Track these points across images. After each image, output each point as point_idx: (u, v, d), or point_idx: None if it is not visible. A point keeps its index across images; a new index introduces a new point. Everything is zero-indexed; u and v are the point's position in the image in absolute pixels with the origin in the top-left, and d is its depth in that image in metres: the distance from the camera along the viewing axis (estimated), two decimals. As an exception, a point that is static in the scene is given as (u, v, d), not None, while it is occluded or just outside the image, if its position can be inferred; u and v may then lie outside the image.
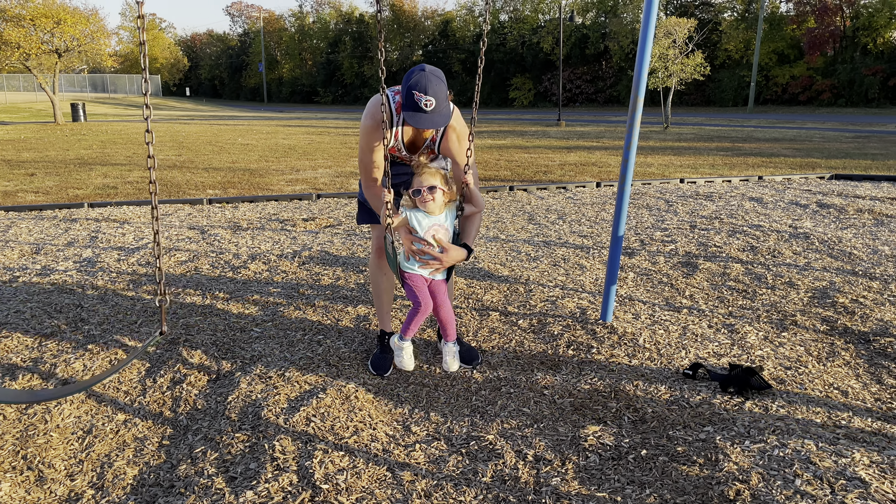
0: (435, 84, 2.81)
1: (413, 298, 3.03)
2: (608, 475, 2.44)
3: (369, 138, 3.07)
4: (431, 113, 2.83)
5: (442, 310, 3.11)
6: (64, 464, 2.56)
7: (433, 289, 3.08)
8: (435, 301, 3.07)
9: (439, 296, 3.08)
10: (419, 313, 3.01)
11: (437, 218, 2.99)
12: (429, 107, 2.81)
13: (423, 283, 3.05)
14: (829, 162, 12.38)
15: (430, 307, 3.02)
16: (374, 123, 3.03)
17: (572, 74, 54.73)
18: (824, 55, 44.43)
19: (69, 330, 3.85)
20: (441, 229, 3.00)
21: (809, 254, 5.38)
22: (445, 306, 3.11)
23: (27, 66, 26.48)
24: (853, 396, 2.98)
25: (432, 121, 2.86)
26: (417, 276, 3.05)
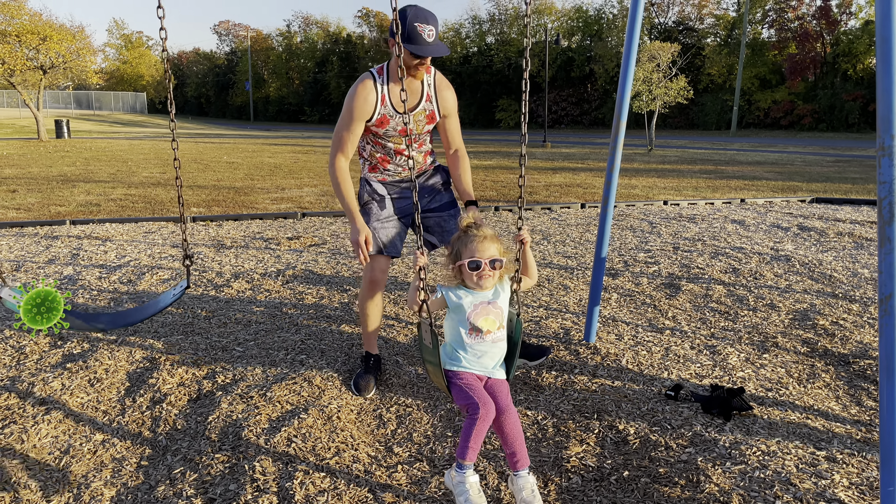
0: (432, 17, 2.91)
1: (466, 402, 2.19)
2: (590, 496, 2.44)
3: (351, 105, 3.07)
4: (433, 43, 2.89)
5: (507, 420, 2.22)
6: (40, 484, 2.52)
7: (492, 390, 2.29)
8: (497, 408, 2.21)
9: (502, 399, 2.24)
10: (479, 421, 2.12)
11: (484, 295, 2.34)
12: (431, 37, 2.88)
13: (477, 381, 2.29)
14: (811, 185, 12.55)
15: (492, 412, 2.17)
16: (360, 92, 3.04)
17: (558, 96, 55.23)
18: (805, 80, 45.19)
19: (49, 348, 3.80)
20: (490, 308, 2.32)
21: (790, 276, 5.43)
22: (511, 414, 2.23)
23: (11, 82, 26.35)
24: (833, 418, 3.00)
25: (436, 49, 2.91)
26: (469, 374, 2.30)
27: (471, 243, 2.30)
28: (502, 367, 2.40)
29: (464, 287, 2.35)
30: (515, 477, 2.24)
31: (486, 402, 2.15)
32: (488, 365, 2.34)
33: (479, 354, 2.32)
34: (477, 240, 2.30)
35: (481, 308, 2.30)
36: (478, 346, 2.30)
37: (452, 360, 2.35)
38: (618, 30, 53.56)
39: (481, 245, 2.29)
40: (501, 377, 2.37)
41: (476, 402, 2.14)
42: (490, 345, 2.32)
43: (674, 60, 23.71)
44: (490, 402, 2.16)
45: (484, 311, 2.30)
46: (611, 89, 50.99)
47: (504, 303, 2.36)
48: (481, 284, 2.31)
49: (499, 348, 2.35)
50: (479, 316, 2.29)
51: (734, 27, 49.75)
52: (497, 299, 2.34)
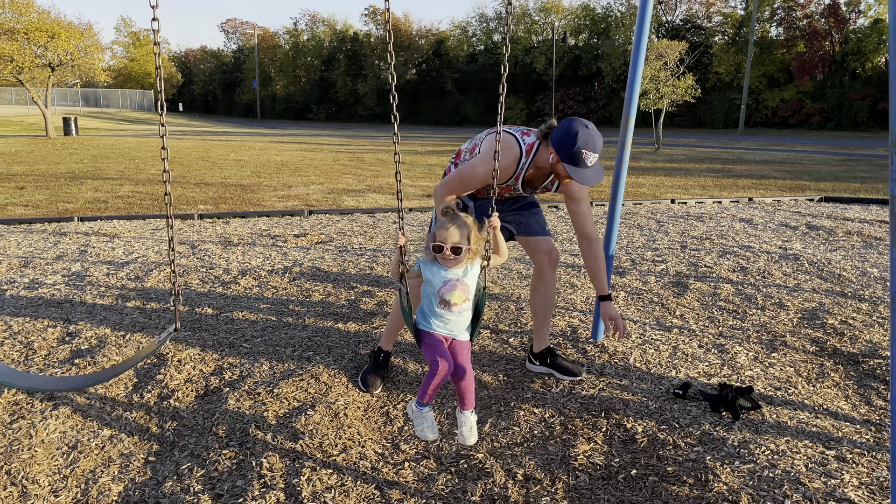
0: (598, 140, 2.91)
1: (431, 359, 2.60)
2: (598, 495, 2.43)
3: (481, 177, 3.08)
4: (591, 169, 2.91)
5: (463, 375, 2.61)
6: (48, 479, 2.53)
7: (454, 349, 2.66)
8: (455, 363, 2.61)
9: (460, 358, 2.63)
10: (437, 375, 2.54)
11: (455, 272, 2.62)
12: (591, 163, 2.90)
13: (442, 342, 2.63)
14: (819, 185, 12.49)
15: (449, 367, 2.56)
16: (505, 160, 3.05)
17: (565, 95, 55.14)
18: (814, 79, 44.98)
19: (57, 344, 3.81)
20: (458, 284, 2.61)
21: (799, 275, 5.40)
22: (466, 371, 2.62)
23: (20, 79, 26.44)
24: (843, 417, 2.99)
25: (595, 175, 2.92)
26: (436, 335, 2.64)
27: (441, 228, 2.59)
28: (467, 330, 2.72)
29: (437, 264, 2.63)
30: (461, 414, 2.62)
31: (445, 362, 2.54)
32: (454, 329, 2.66)
33: (446, 321, 2.63)
34: (446, 226, 2.57)
35: (451, 284, 2.60)
36: (446, 314, 2.62)
37: (425, 321, 2.67)
38: (625, 28, 53.46)
39: (447, 232, 2.56)
40: (465, 339, 2.70)
41: (438, 362, 2.53)
42: (457, 315, 2.63)
43: (681, 59, 23.62)
44: (449, 361, 2.55)
45: (452, 286, 2.61)
46: (618, 88, 50.88)
47: (472, 279, 2.65)
48: (446, 265, 2.61)
49: (464, 317, 2.67)
50: (448, 291, 2.60)
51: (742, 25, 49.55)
52: (465, 276, 2.62)
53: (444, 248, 2.56)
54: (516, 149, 3.09)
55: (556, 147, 2.92)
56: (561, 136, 2.91)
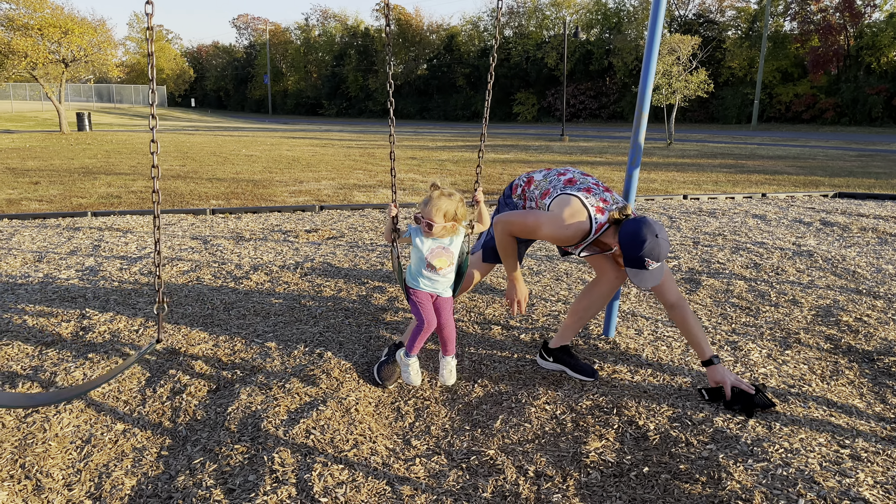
0: (664, 250, 2.87)
1: (417, 315, 2.99)
2: (609, 492, 2.42)
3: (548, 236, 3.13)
4: (651, 271, 2.90)
5: (445, 328, 3.05)
6: (62, 473, 2.54)
7: (438, 306, 3.04)
8: (439, 318, 3.02)
9: (444, 313, 3.04)
10: (423, 330, 2.95)
11: (440, 240, 2.97)
12: (651, 268, 2.89)
13: (427, 299, 3.01)
14: (833, 180, 12.38)
15: (433, 324, 2.98)
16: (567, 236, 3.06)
17: (576, 90, 54.96)
18: (828, 74, 44.60)
19: (70, 339, 3.84)
20: (444, 252, 2.97)
21: (813, 272, 5.36)
22: (449, 324, 3.06)
23: (34, 75, 26.61)
24: (857, 416, 2.96)
25: (648, 280, 2.91)
26: (422, 293, 3.00)
27: (425, 203, 2.91)
28: (450, 288, 3.09)
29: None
30: (443, 359, 3.08)
31: (430, 320, 2.95)
32: (439, 289, 3.03)
33: (433, 282, 3.00)
34: (430, 202, 2.89)
35: (437, 251, 2.95)
36: (432, 276, 2.99)
37: (414, 280, 3.02)
38: (637, 23, 53.15)
39: (429, 206, 2.89)
40: (448, 296, 3.08)
41: (423, 318, 2.94)
42: (441, 277, 3.00)
43: (694, 53, 23.47)
44: (433, 319, 2.97)
45: (438, 253, 2.96)
46: (630, 83, 50.66)
47: (456, 247, 3.00)
48: (427, 235, 2.93)
49: (448, 279, 3.04)
50: (435, 257, 2.95)
51: (756, 20, 49.17)
52: (450, 245, 2.97)
53: (420, 220, 2.93)
54: (586, 225, 3.04)
55: (622, 245, 2.92)
56: (629, 239, 2.88)
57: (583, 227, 3.03)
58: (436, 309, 3.03)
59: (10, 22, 25.76)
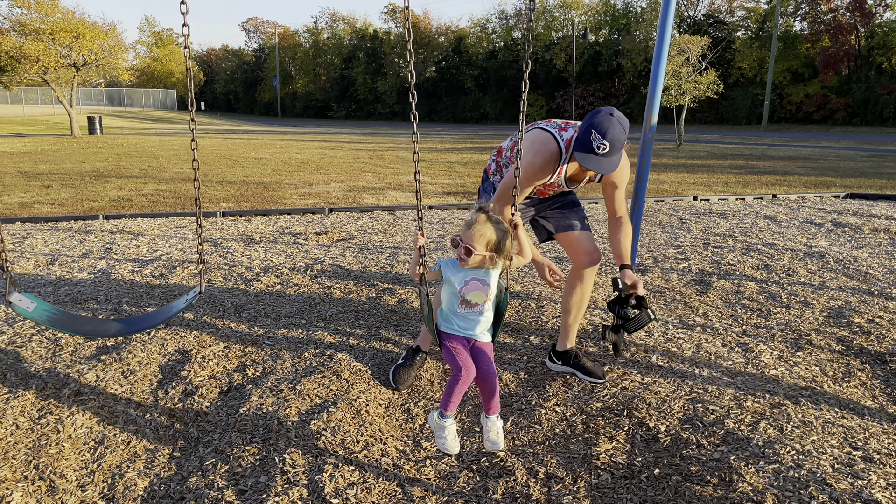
0: (616, 130, 2.79)
1: (452, 363, 2.50)
2: (620, 494, 2.42)
3: (530, 175, 3.06)
4: (601, 157, 2.81)
5: (486, 379, 2.53)
6: (75, 474, 2.56)
7: (476, 351, 2.57)
8: (478, 366, 2.52)
9: (483, 360, 2.54)
10: (460, 381, 2.44)
11: (475, 272, 2.53)
12: (601, 150, 2.79)
13: (464, 345, 2.55)
14: (844, 181, 12.31)
15: (472, 372, 2.48)
16: (544, 163, 3.03)
17: (585, 91, 54.85)
18: (839, 74, 44.33)
19: (83, 341, 3.87)
20: (480, 285, 2.53)
21: (824, 273, 5.33)
22: (490, 375, 2.54)
23: (45, 79, 26.83)
24: (869, 417, 2.94)
25: (599, 164, 2.82)
26: (458, 338, 2.55)
27: (468, 226, 2.50)
28: (489, 331, 2.62)
29: (457, 263, 2.56)
30: (487, 419, 2.56)
31: (468, 367, 2.45)
32: (476, 330, 2.56)
33: (468, 322, 2.55)
34: (474, 225, 2.49)
35: (472, 284, 2.52)
36: (468, 315, 2.54)
37: (447, 322, 2.58)
38: (646, 24, 53.03)
39: (471, 230, 2.48)
40: (487, 340, 2.60)
41: (460, 366, 2.44)
42: (478, 315, 2.54)
43: (703, 54, 23.38)
44: (471, 367, 2.46)
45: (474, 286, 2.53)
46: (639, 84, 50.50)
47: (493, 280, 2.55)
48: (461, 264, 2.53)
49: (486, 318, 2.58)
50: (470, 291, 2.52)
51: (765, 20, 48.94)
52: (487, 277, 2.53)
53: (459, 243, 2.49)
54: (554, 145, 3.04)
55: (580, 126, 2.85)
56: (587, 117, 2.86)
57: (551, 148, 3.02)
58: (473, 356, 2.55)
59: (22, 27, 25.98)
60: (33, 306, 2.86)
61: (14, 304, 2.82)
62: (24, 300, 2.86)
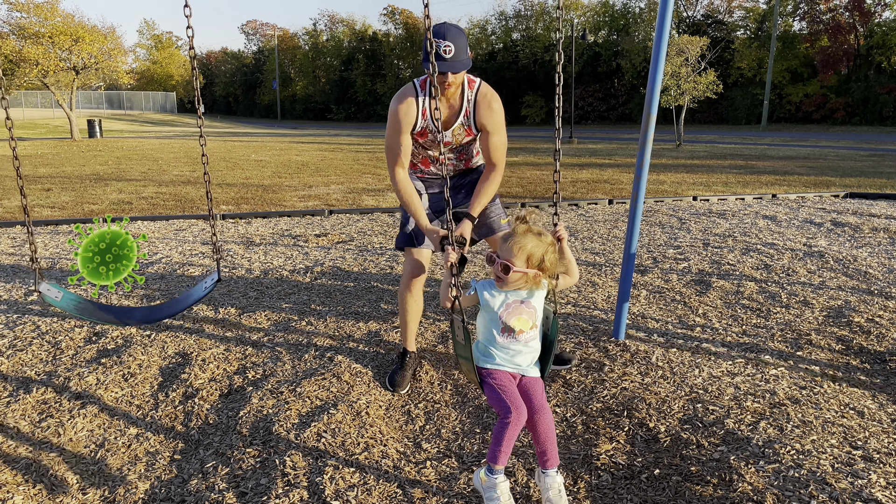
0: (454, 32, 2.83)
1: (498, 405, 2.14)
2: (621, 494, 2.42)
3: (395, 123, 3.06)
4: (451, 59, 2.82)
5: (541, 420, 2.18)
6: (76, 477, 2.57)
7: (526, 389, 2.24)
8: (530, 406, 2.18)
9: (536, 399, 2.20)
10: (510, 425, 2.08)
11: (517, 293, 2.25)
12: (448, 53, 2.80)
13: (510, 381, 2.22)
14: (844, 180, 12.32)
15: (523, 414, 2.12)
16: (401, 103, 3.02)
17: (584, 92, 54.89)
18: (838, 73, 44.35)
19: (83, 344, 3.87)
20: (523, 308, 2.24)
21: (824, 272, 5.34)
22: (545, 417, 2.18)
23: (45, 82, 26.86)
24: (869, 417, 2.94)
25: (452, 65, 2.84)
26: (502, 373, 2.23)
27: (504, 240, 2.25)
28: (536, 365, 2.34)
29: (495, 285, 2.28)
30: (544, 475, 2.22)
31: (518, 406, 2.10)
32: (522, 363, 2.28)
33: (512, 353, 2.26)
34: (513, 238, 2.23)
35: (514, 307, 2.22)
36: (511, 345, 2.25)
37: (486, 357, 2.28)
38: (645, 24, 53.06)
39: (509, 243, 2.21)
40: (536, 375, 2.31)
41: (508, 406, 2.09)
42: (523, 345, 2.26)
43: (703, 54, 23.41)
44: (522, 406, 2.12)
45: (517, 310, 2.23)
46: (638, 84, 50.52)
47: (538, 302, 2.27)
48: (499, 285, 2.25)
49: (532, 348, 2.30)
50: (512, 315, 2.22)
51: (764, 20, 48.98)
52: (531, 298, 2.25)
53: (495, 259, 2.21)
54: (409, 88, 3.07)
55: None
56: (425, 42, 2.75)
57: (406, 91, 3.04)
58: (523, 394, 2.22)
59: (22, 30, 26.03)
60: (60, 296, 2.99)
61: (43, 293, 2.95)
62: (52, 290, 2.98)
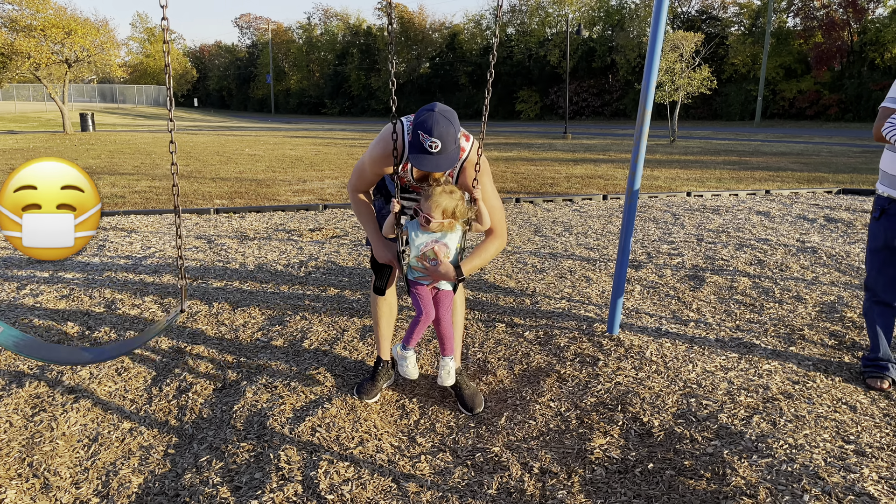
0: (443, 125, 2.63)
1: (417, 307, 2.93)
2: (614, 488, 2.43)
3: (374, 163, 2.93)
4: (437, 155, 2.65)
5: (442, 322, 2.96)
6: (69, 471, 2.56)
7: (437, 300, 2.96)
8: (437, 312, 2.94)
9: (441, 308, 2.96)
10: (420, 322, 2.90)
11: (435, 235, 2.86)
12: (434, 149, 2.63)
13: (427, 293, 2.93)
14: (837, 176, 12.36)
15: (431, 315, 2.91)
16: (383, 154, 2.87)
17: (579, 87, 54.86)
18: (832, 70, 44.43)
19: (77, 338, 3.86)
20: (439, 246, 2.86)
21: (817, 268, 5.36)
22: (445, 319, 2.97)
23: (37, 75, 26.70)
24: (862, 412, 2.96)
25: (437, 164, 2.67)
26: (422, 287, 2.94)
27: (425, 198, 2.81)
28: (450, 285, 2.98)
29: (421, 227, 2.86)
30: (442, 359, 2.97)
31: (428, 311, 2.89)
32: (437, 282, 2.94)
33: None
34: (431, 197, 2.79)
35: (431, 244, 2.86)
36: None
37: (412, 273, 2.93)
38: (640, 20, 53.01)
39: (428, 201, 2.79)
40: (447, 289, 2.98)
41: (422, 309, 2.87)
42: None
43: (697, 50, 23.42)
44: (431, 311, 2.90)
45: (432, 247, 2.86)
46: (633, 80, 50.54)
47: (452, 241, 2.88)
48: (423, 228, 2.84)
49: None
50: (427, 249, 2.86)
51: (758, 16, 49.00)
52: (445, 238, 2.85)
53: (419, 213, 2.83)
54: (388, 129, 2.85)
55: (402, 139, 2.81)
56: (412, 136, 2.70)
57: (385, 134, 2.85)
58: (434, 303, 2.95)
59: (14, 23, 25.85)
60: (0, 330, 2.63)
61: None
62: None
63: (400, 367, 2.99)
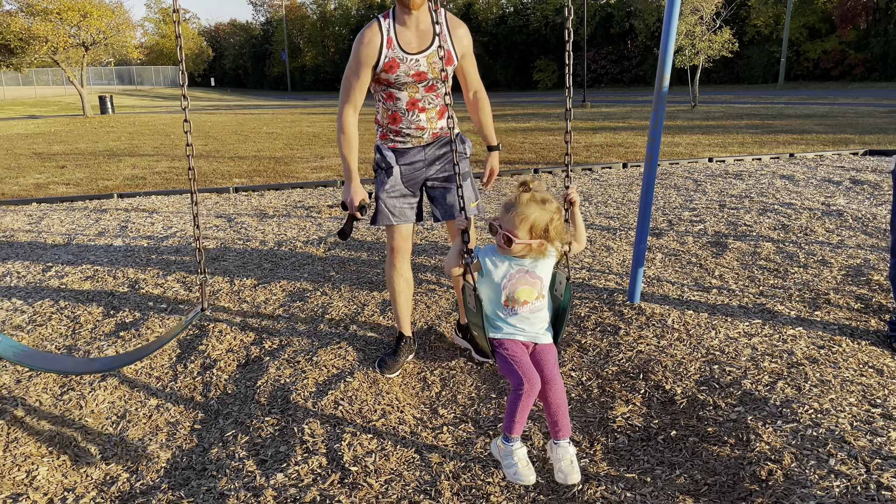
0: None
1: (511, 376, 2.12)
2: (637, 456, 2.42)
3: (356, 50, 2.88)
4: None
5: (552, 390, 2.15)
6: (98, 448, 2.61)
7: (538, 358, 2.20)
8: (542, 376, 2.14)
9: (547, 368, 2.16)
10: (523, 397, 2.06)
11: (521, 261, 2.19)
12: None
13: (522, 351, 2.18)
14: (863, 138, 12.10)
15: (536, 384, 2.10)
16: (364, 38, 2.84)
17: (597, 55, 54.06)
18: (857, 28, 43.31)
19: (102, 318, 3.91)
20: (527, 277, 2.18)
21: (843, 231, 5.27)
22: (556, 385, 2.16)
23: (55, 59, 26.85)
24: (889, 375, 2.92)
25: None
26: (513, 343, 2.19)
27: (507, 208, 2.14)
28: (549, 330, 2.29)
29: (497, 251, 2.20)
30: (556, 446, 2.20)
31: (530, 377, 2.08)
32: (531, 332, 2.24)
33: (518, 321, 2.22)
34: (515, 207, 2.12)
35: (518, 277, 2.17)
36: (515, 317, 2.21)
37: (494, 328, 2.23)
38: (658, -17, 51.93)
39: (511, 213, 2.12)
40: (548, 342, 2.25)
41: (521, 378, 2.07)
42: (529, 314, 2.21)
43: (717, 12, 22.92)
44: (535, 377, 2.09)
45: (521, 280, 2.17)
46: (651, 45, 49.67)
47: (544, 271, 2.20)
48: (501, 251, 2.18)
49: (539, 318, 2.25)
50: (516, 286, 2.17)
51: (781, -25, 47.77)
52: (536, 268, 2.18)
53: (497, 229, 2.12)
54: (372, 20, 2.87)
55: None
56: None
57: (372, 23, 2.85)
58: (536, 363, 2.17)
59: (30, 7, 25.95)
60: None
61: None
62: None
63: (507, 471, 2.15)
